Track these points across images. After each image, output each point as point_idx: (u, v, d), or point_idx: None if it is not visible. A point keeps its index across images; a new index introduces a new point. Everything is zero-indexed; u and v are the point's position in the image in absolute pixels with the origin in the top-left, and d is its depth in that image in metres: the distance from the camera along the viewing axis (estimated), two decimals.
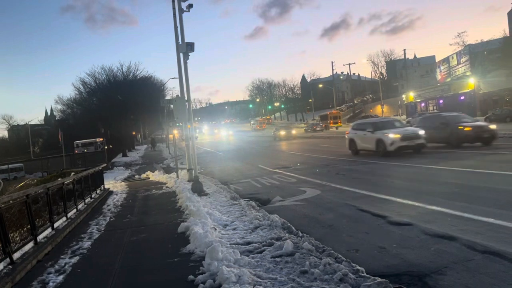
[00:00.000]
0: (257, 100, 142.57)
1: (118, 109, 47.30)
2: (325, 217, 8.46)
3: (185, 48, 13.77)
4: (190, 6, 13.79)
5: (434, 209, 7.95)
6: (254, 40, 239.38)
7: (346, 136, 21.93)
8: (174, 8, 14.77)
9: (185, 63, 14.33)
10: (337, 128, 64.83)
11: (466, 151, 17.73)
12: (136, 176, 24.92)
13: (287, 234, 6.88)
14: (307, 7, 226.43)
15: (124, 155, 47.07)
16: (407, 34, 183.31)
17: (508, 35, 62.66)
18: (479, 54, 68.80)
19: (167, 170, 26.23)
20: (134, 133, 66.57)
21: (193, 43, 13.75)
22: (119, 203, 13.63)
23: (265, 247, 6.36)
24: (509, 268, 4.78)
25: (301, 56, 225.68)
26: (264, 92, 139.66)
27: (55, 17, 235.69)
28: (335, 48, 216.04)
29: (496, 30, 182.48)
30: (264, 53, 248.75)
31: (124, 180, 23.83)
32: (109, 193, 16.90)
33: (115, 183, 21.59)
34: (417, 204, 8.54)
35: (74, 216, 10.95)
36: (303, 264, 5.33)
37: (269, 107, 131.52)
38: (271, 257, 5.84)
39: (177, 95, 15.02)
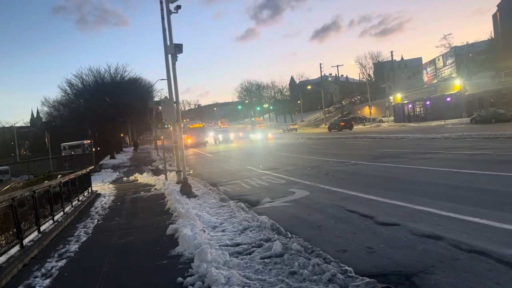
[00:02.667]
0: (246, 101, 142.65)
1: (105, 111, 46.92)
2: (313, 218, 8.50)
3: (173, 50, 13.72)
4: (178, 7, 13.75)
5: (421, 209, 8.05)
6: (245, 42, 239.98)
7: None
8: (162, 10, 14.73)
9: (174, 64, 14.28)
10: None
11: (451, 151, 17.97)
12: (125, 178, 24.73)
13: (276, 235, 6.89)
14: (298, 9, 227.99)
15: (112, 157, 46.68)
16: (396, 36, 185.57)
17: (494, 37, 63.59)
18: (465, 56, 69.81)
19: (156, 172, 26.09)
20: (122, 135, 66.06)
21: (181, 45, 13.72)
22: (107, 206, 13.52)
23: (254, 249, 6.37)
24: (494, 267, 4.86)
25: (291, 58, 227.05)
26: (253, 93, 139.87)
27: (44, 18, 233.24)
28: (325, 50, 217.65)
29: (481, 32, 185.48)
30: (255, 54, 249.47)
31: (112, 182, 23.63)
32: (97, 195, 16.74)
33: (103, 186, 21.41)
34: (404, 204, 8.64)
35: (61, 219, 10.82)
36: (292, 265, 5.35)
37: (258, 108, 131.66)
38: (260, 259, 5.85)
39: (166, 97, 14.96)
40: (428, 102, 59.38)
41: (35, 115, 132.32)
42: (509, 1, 59.08)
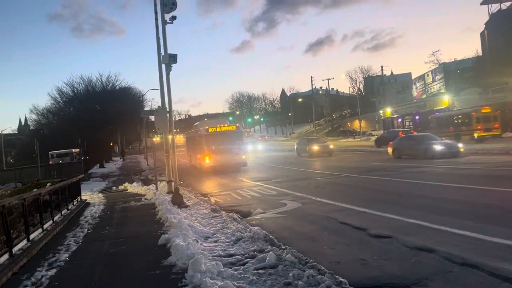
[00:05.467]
0: (237, 112, 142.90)
1: (95, 120, 46.62)
2: (306, 229, 8.51)
3: (168, 59, 13.75)
4: (174, 18, 13.82)
5: (413, 222, 8.12)
6: (240, 53, 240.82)
7: None
8: (156, 20, 14.79)
9: (167, 74, 14.31)
10: None
11: (440, 165, 18.17)
12: (114, 188, 24.49)
13: (269, 246, 6.88)
14: (294, 23, 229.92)
15: (101, 166, 46.26)
16: (387, 51, 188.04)
17: (481, 54, 64.85)
18: (453, 72, 70.97)
19: (146, 182, 25.90)
20: (111, 144, 65.58)
21: (175, 55, 13.76)
22: (97, 215, 13.37)
23: (248, 259, 6.36)
24: (486, 279, 4.91)
25: (285, 71, 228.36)
26: (244, 105, 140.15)
27: (39, 25, 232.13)
28: (318, 63, 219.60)
29: (468, 49, 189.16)
30: (249, 66, 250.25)
31: (102, 191, 23.39)
32: (86, 204, 16.56)
33: (92, 195, 21.17)
34: (395, 217, 8.70)
35: (51, 227, 10.67)
36: (286, 276, 5.35)
37: (249, 120, 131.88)
38: (254, 269, 5.84)
39: (159, 106, 14.93)
40: (417, 117, 59.97)
41: (23, 123, 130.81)
42: (496, 20, 60.45)
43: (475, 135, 30.64)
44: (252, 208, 11.67)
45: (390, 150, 26.00)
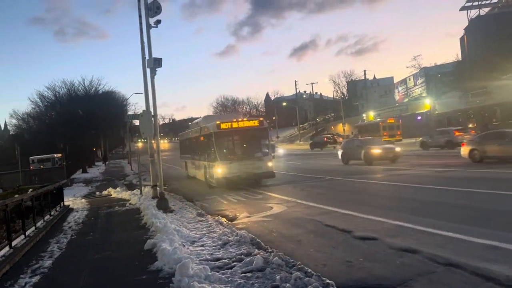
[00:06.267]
0: None
1: (78, 124, 45.99)
2: (292, 232, 8.56)
3: (153, 64, 13.70)
4: (158, 22, 13.78)
5: (397, 223, 8.24)
6: (225, 58, 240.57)
7: None
8: (141, 24, 14.72)
9: (152, 78, 14.24)
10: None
11: (423, 168, 18.46)
12: (97, 193, 24.17)
13: (256, 250, 6.91)
14: (279, 28, 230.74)
15: (84, 171, 45.64)
16: (371, 56, 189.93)
17: (461, 59, 66.21)
18: (434, 77, 72.25)
19: (130, 187, 25.66)
20: (94, 148, 64.75)
21: (160, 59, 13.71)
22: (81, 221, 13.19)
23: (235, 263, 6.36)
24: (469, 279, 5.02)
25: (269, 75, 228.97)
26: (229, 109, 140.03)
27: (20, 29, 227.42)
28: (302, 67, 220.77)
29: (448, 54, 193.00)
30: (234, 70, 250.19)
31: (85, 197, 23.06)
32: (69, 210, 16.31)
33: (75, 200, 20.86)
34: (380, 219, 8.82)
35: (33, 234, 10.49)
36: (274, 279, 5.38)
37: None
38: (241, 273, 5.85)
39: (144, 110, 14.84)
40: (399, 121, 60.97)
41: (2, 128, 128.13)
42: (475, 26, 61.91)
43: (382, 139, 36.82)
44: (238, 212, 11.68)
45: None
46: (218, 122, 17.59)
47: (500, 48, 49.50)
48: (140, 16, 14.74)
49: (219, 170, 16.92)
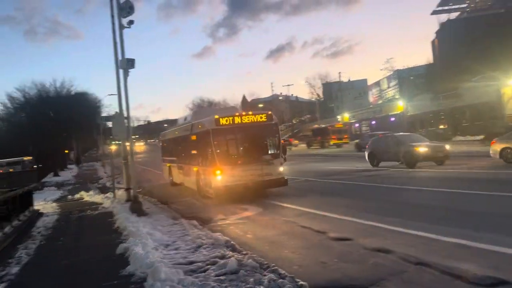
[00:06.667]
0: None
1: (49, 126, 44.82)
2: (267, 234, 8.55)
3: (125, 64, 13.46)
4: (131, 22, 13.53)
5: (370, 224, 8.33)
6: (201, 59, 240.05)
7: None
8: (113, 24, 14.43)
9: (125, 80, 13.98)
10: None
11: (395, 169, 18.80)
12: (69, 197, 23.60)
13: (230, 252, 6.85)
14: (255, 30, 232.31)
15: (56, 174, 44.50)
16: (346, 58, 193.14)
17: (432, 62, 67.86)
18: (406, 79, 73.89)
19: (103, 190, 25.13)
20: (67, 151, 63.25)
21: (133, 60, 13.47)
22: (51, 225, 12.80)
23: (208, 266, 6.29)
24: (439, 278, 5.11)
25: (246, 77, 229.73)
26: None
27: None
28: (279, 69, 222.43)
29: (420, 57, 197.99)
30: (210, 72, 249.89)
31: (56, 201, 22.46)
32: (39, 215, 15.81)
33: (45, 204, 20.26)
34: (354, 219, 8.91)
35: (0, 240, 10.11)
36: (247, 282, 5.34)
37: None
38: (215, 276, 5.78)
39: (116, 112, 14.56)
40: (373, 122, 62.09)
41: None
42: (446, 30, 63.54)
43: (331, 142, 43.80)
44: (213, 214, 11.58)
45: None
46: (217, 116, 13.84)
47: (470, 51, 50.98)
48: (112, 16, 14.45)
49: (219, 178, 13.31)
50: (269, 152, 14.26)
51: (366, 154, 21.96)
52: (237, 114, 14.24)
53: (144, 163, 48.76)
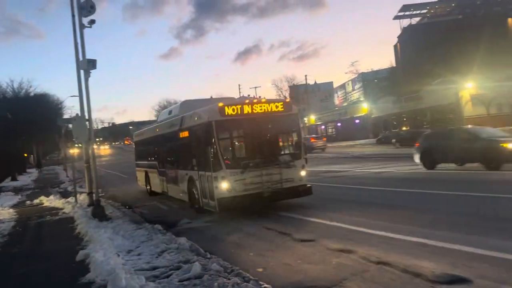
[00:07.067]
0: None
1: (7, 129, 42.97)
2: (233, 236, 8.51)
3: (86, 65, 13.08)
4: (92, 22, 13.17)
5: (334, 224, 8.46)
6: (168, 61, 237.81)
7: None
8: (74, 23, 13.99)
9: (86, 81, 13.58)
10: None
11: (361, 170, 19.16)
12: (28, 202, 22.64)
13: (195, 257, 6.76)
14: (223, 32, 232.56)
15: (14, 179, 42.69)
16: (312, 61, 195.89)
17: (395, 65, 69.87)
18: (370, 82, 75.75)
19: (64, 194, 24.29)
20: (25, 154, 60.87)
21: (95, 60, 13.11)
22: (6, 233, 12.23)
23: (172, 271, 6.18)
24: (399, 276, 5.22)
25: (214, 78, 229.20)
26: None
27: None
28: (246, 71, 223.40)
29: (385, 60, 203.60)
30: (177, 73, 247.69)
31: (13, 206, 21.49)
32: None
33: (1, 210, 19.35)
34: (318, 220, 9.01)
35: None
36: (211, 286, 5.27)
37: None
38: (178, 281, 5.69)
39: (77, 114, 14.13)
40: (339, 124, 63.37)
41: None
42: (407, 34, 65.62)
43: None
44: (179, 218, 11.40)
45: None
46: (221, 104, 10.80)
47: (430, 55, 52.89)
48: (73, 16, 14.02)
49: (224, 185, 10.15)
50: (289, 151, 11.53)
51: (418, 154, 17.20)
52: (247, 101, 11.20)
53: (109, 166, 47.74)
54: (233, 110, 10.77)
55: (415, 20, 70.46)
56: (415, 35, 63.71)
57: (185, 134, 12.80)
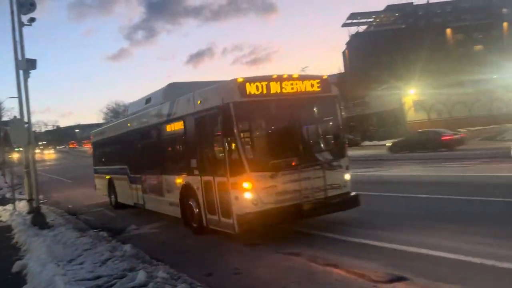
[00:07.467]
0: None
1: None
2: (181, 243, 8.37)
3: (25, 65, 12.40)
4: (33, 20, 12.50)
5: (284, 227, 8.48)
6: (117, 62, 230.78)
7: None
8: (13, 21, 13.25)
9: (26, 81, 12.86)
10: None
11: None
12: None
13: (141, 264, 6.56)
14: (174, 34, 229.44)
15: None
16: (264, 66, 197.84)
17: (343, 71, 72.07)
18: None
19: (2, 201, 22.84)
20: None
21: (35, 60, 12.44)
22: None
23: (116, 280, 5.93)
24: (343, 277, 5.33)
25: (165, 81, 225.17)
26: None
27: None
28: (199, 74, 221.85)
29: (334, 66, 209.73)
30: (127, 75, 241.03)
31: None
32: None
33: None
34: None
35: None
36: None
37: None
38: None
39: (15, 116, 13.38)
40: None
41: None
42: (355, 41, 67.97)
43: None
44: (126, 224, 11.04)
45: None
46: (241, 79, 7.64)
47: (376, 62, 55.11)
48: (12, 13, 13.27)
49: (248, 196, 7.23)
50: (330, 146, 8.70)
51: None
52: (274, 76, 8.09)
53: (53, 171, 45.58)
54: (257, 88, 7.69)
55: (362, 28, 73.10)
56: (362, 43, 66.09)
57: (177, 126, 9.61)
